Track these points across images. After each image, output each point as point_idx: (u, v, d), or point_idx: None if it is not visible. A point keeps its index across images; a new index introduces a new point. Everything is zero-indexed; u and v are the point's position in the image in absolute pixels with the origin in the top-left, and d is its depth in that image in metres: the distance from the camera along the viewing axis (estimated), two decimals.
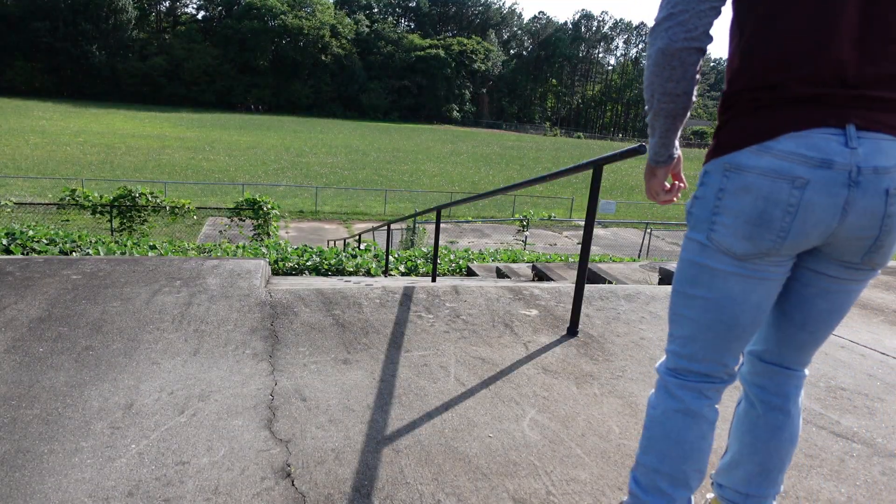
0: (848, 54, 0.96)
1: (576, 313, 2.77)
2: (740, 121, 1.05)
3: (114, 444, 1.66)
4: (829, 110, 0.98)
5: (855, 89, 0.97)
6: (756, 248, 1.05)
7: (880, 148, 0.97)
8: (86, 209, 11.58)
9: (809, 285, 1.15)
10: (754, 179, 1.01)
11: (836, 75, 0.96)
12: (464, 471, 1.64)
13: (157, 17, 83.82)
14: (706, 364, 1.17)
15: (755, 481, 1.26)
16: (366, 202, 23.42)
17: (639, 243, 17.79)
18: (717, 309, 1.11)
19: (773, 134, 1.00)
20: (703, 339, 1.14)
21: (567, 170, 2.86)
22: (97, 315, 2.63)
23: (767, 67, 1.01)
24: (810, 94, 0.98)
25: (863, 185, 0.98)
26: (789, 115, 0.99)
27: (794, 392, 1.26)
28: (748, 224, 1.03)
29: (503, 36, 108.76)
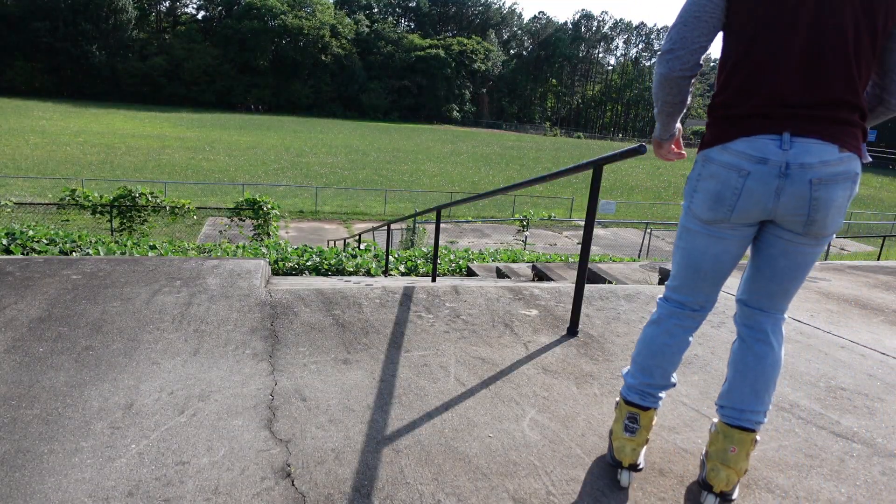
0: (791, 85, 1.36)
1: (576, 313, 2.77)
2: (715, 127, 1.48)
3: (114, 444, 1.67)
4: (770, 123, 1.38)
5: (792, 108, 1.37)
6: (715, 217, 1.48)
7: (808, 149, 1.36)
8: (86, 209, 11.58)
9: (773, 247, 1.52)
10: (717, 169, 1.45)
11: (779, 99, 1.37)
12: (464, 471, 1.64)
13: (157, 17, 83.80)
14: (682, 294, 1.62)
15: (748, 400, 1.57)
16: (366, 202, 23.43)
17: (639, 243, 17.79)
18: (689, 256, 1.58)
19: (731, 137, 1.42)
20: (682, 277, 1.62)
21: (567, 170, 2.86)
22: (97, 315, 2.63)
23: (736, 91, 1.43)
24: (760, 112, 1.39)
25: (791, 177, 1.37)
26: (744, 126, 1.41)
27: (773, 329, 1.60)
28: (710, 199, 1.47)
29: (503, 36, 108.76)
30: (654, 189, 33.48)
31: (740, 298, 1.64)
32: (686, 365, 2.48)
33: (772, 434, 1.94)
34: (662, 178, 38.98)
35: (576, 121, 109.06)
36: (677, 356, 1.63)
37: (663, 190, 33.21)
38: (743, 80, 1.41)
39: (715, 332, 2.93)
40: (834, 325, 3.15)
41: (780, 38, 1.36)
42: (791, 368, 2.50)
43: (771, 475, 1.70)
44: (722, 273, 1.56)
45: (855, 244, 21.48)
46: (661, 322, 1.64)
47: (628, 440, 1.61)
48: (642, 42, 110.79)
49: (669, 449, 1.81)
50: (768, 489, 1.64)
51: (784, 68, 1.36)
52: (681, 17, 1.47)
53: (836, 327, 3.11)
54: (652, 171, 43.12)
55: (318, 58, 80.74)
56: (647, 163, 46.87)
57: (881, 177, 56.51)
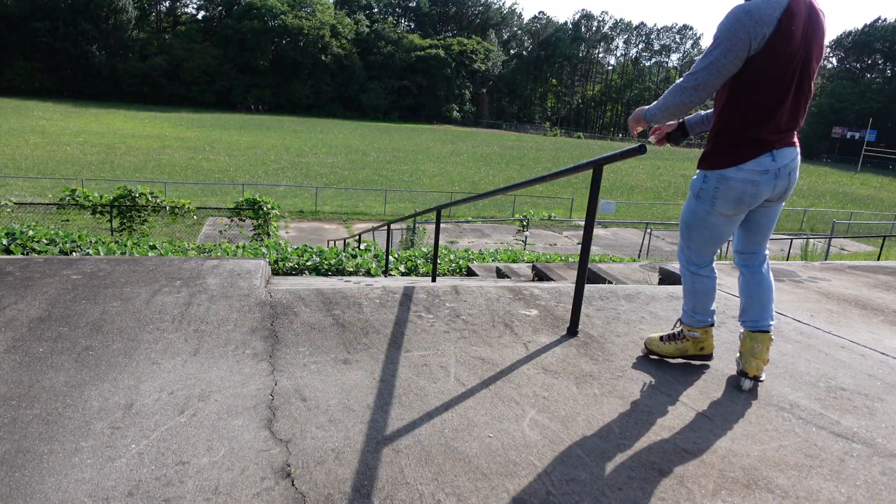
0: (783, 121, 2.02)
1: (576, 313, 2.77)
2: (726, 152, 2.08)
3: (114, 444, 1.66)
4: (767, 146, 2.04)
5: (780, 133, 2.04)
6: (736, 212, 2.15)
7: (785, 154, 2.07)
8: (86, 209, 11.57)
9: (757, 213, 2.23)
10: (735, 184, 2.08)
11: (776, 130, 2.03)
12: (464, 471, 1.64)
13: (157, 17, 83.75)
14: (704, 257, 2.32)
15: (759, 312, 2.26)
16: (366, 202, 23.42)
17: (639, 243, 17.79)
18: (712, 238, 2.25)
19: (743, 161, 2.05)
20: (704, 249, 2.30)
21: (567, 170, 2.86)
22: (97, 315, 2.63)
23: (745, 124, 2.03)
24: (764, 138, 2.03)
25: (780, 175, 2.08)
26: (750, 151, 2.04)
27: (762, 263, 2.32)
28: (733, 203, 2.11)
29: (503, 36, 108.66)
30: (654, 189, 33.47)
31: (737, 250, 2.36)
32: (686, 365, 2.48)
33: (772, 434, 1.94)
34: (662, 178, 38.97)
35: (576, 121, 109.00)
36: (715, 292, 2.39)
37: (663, 190, 33.20)
38: (756, 116, 1.99)
39: (714, 332, 2.92)
40: (834, 325, 3.15)
41: (783, 92, 1.98)
42: (791, 368, 2.50)
43: (771, 475, 1.70)
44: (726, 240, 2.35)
45: (855, 244, 21.47)
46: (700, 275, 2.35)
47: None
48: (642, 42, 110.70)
49: (669, 449, 1.81)
50: (768, 489, 1.64)
51: (782, 110, 2.00)
52: (713, 66, 1.94)
53: (836, 327, 3.11)
54: (652, 171, 43.10)
55: (318, 58, 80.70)
56: (647, 163, 46.83)
57: (881, 177, 56.48)
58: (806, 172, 54.46)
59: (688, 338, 2.41)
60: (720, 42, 1.90)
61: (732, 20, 1.88)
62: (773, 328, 2.24)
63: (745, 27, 1.86)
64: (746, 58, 1.90)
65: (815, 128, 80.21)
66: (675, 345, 2.44)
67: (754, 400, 2.19)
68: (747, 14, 1.86)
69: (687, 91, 1.99)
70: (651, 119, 2.17)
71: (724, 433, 1.93)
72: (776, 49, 1.88)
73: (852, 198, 37.59)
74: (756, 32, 1.85)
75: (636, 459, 1.75)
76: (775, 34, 1.86)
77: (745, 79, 1.94)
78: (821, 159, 76.79)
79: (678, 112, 2.08)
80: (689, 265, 2.34)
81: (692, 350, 2.42)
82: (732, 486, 1.64)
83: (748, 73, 1.92)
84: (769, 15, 1.85)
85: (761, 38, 1.86)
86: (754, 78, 1.93)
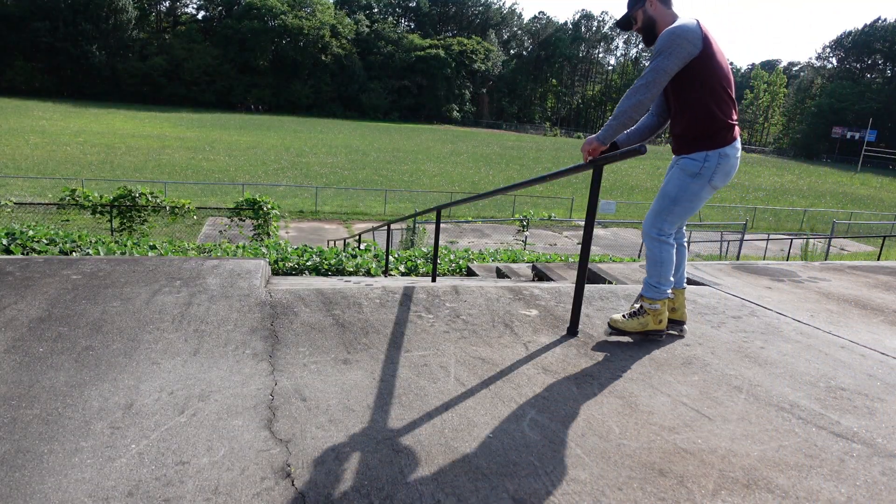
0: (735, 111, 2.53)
1: (576, 313, 2.77)
2: (721, 134, 2.50)
3: (114, 444, 1.66)
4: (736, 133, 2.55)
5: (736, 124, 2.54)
6: (722, 185, 2.58)
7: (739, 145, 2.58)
8: (86, 209, 11.56)
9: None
10: (731, 160, 2.53)
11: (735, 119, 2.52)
12: (464, 471, 1.64)
13: (157, 17, 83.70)
14: (674, 227, 2.67)
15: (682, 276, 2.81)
16: (366, 202, 23.42)
17: (639, 243, 17.78)
18: (691, 210, 2.62)
19: (733, 141, 2.53)
20: (679, 220, 2.65)
21: (567, 170, 2.86)
22: (97, 315, 2.63)
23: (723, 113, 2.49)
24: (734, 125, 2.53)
25: (739, 160, 2.57)
26: (733, 134, 2.53)
27: (682, 237, 2.82)
28: (724, 176, 2.55)
29: (503, 36, 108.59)
30: (654, 189, 33.46)
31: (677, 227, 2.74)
32: (686, 365, 2.48)
33: (772, 434, 1.94)
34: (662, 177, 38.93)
35: (576, 121, 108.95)
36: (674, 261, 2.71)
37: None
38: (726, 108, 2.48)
39: (715, 332, 2.93)
40: (834, 325, 3.15)
41: (731, 87, 2.51)
42: (791, 368, 2.50)
43: (771, 475, 1.70)
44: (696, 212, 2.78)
45: (855, 244, 21.48)
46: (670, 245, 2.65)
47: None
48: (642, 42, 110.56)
49: (669, 449, 1.81)
50: (768, 489, 1.64)
51: (733, 104, 2.51)
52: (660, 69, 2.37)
53: (836, 327, 3.11)
54: (652, 171, 43.09)
55: (318, 58, 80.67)
56: (647, 163, 46.84)
57: (881, 177, 56.47)
58: (806, 172, 54.45)
59: (648, 311, 2.67)
60: (665, 52, 2.35)
61: (674, 36, 2.36)
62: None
63: (687, 40, 2.36)
64: (692, 62, 2.37)
65: (815, 128, 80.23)
66: (637, 320, 2.69)
67: (754, 400, 2.19)
68: (686, 31, 2.37)
69: (640, 90, 2.38)
70: (606, 137, 2.54)
71: (724, 433, 1.93)
72: (713, 55, 2.41)
73: (852, 198, 37.59)
74: (694, 42, 2.36)
75: (636, 459, 1.75)
76: (706, 45, 2.38)
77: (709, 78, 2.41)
78: (821, 159, 76.79)
79: (635, 113, 2.43)
80: (660, 235, 2.63)
81: (652, 324, 2.67)
82: (732, 486, 1.64)
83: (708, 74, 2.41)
84: (698, 31, 2.39)
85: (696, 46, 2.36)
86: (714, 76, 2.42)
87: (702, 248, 18.15)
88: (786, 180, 45.79)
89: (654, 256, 2.63)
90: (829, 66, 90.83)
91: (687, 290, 3.64)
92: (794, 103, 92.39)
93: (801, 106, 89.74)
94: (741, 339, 2.83)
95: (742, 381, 2.35)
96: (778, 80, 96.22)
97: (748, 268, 4.57)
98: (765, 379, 2.37)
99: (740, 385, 2.31)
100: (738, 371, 2.45)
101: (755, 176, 47.06)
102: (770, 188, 39.27)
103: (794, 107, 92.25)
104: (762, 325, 3.06)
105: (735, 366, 2.50)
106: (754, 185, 40.57)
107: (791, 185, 42.27)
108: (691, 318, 3.10)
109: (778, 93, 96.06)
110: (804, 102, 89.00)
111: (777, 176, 48.89)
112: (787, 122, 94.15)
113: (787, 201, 33.32)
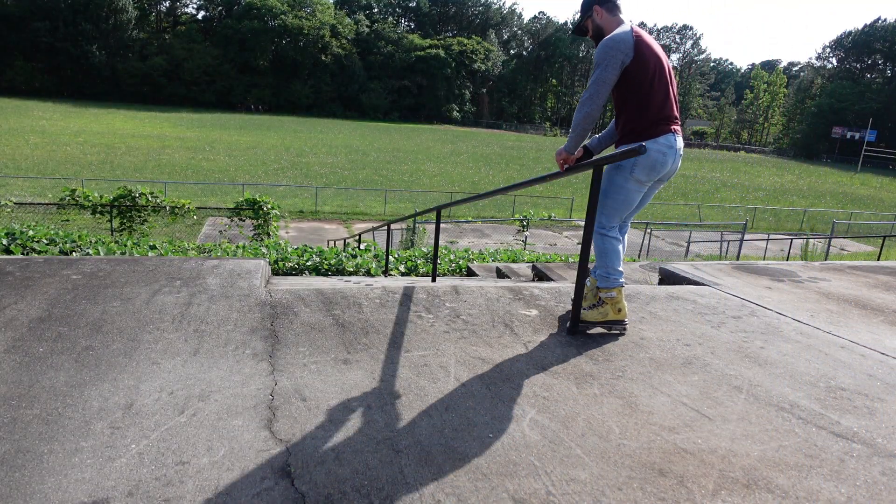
0: (673, 108, 2.69)
1: (576, 313, 2.77)
2: (645, 129, 2.65)
3: (114, 444, 1.66)
4: (670, 128, 2.66)
5: (674, 120, 2.69)
6: (648, 179, 2.70)
7: (679, 140, 2.70)
8: (86, 209, 11.56)
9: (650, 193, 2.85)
10: (652, 154, 2.62)
11: (671, 116, 2.67)
12: (464, 471, 1.64)
13: (157, 17, 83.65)
14: (613, 222, 2.81)
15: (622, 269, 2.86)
16: (366, 202, 23.42)
17: (639, 243, 17.78)
18: (624, 203, 2.75)
19: (657, 136, 2.64)
20: (614, 214, 2.79)
21: (567, 170, 2.86)
22: (97, 315, 2.63)
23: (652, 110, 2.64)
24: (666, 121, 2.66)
25: (677, 155, 2.70)
26: (661, 129, 2.65)
27: (626, 232, 2.96)
28: (647, 169, 2.66)
29: (503, 36, 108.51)
30: None
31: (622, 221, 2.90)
32: (686, 365, 2.48)
33: (772, 434, 1.94)
34: None
35: None
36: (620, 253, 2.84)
37: (663, 190, 33.19)
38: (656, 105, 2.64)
39: (715, 332, 2.93)
40: (834, 325, 3.15)
41: (665, 87, 2.65)
42: (791, 368, 2.50)
43: (771, 475, 1.70)
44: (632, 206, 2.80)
45: (855, 244, 21.47)
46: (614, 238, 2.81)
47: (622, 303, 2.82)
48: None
49: (669, 449, 1.81)
50: (768, 489, 1.64)
51: (669, 101, 2.68)
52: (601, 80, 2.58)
53: (836, 327, 3.11)
54: None
55: (318, 58, 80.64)
56: None
57: (881, 177, 56.48)
58: (806, 172, 54.45)
59: (606, 301, 2.79)
60: (602, 64, 2.57)
61: (607, 48, 2.56)
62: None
63: (619, 50, 2.55)
64: (624, 69, 2.57)
65: (815, 128, 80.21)
66: (598, 311, 2.81)
67: (754, 400, 2.19)
68: (617, 41, 2.56)
69: (586, 103, 2.63)
70: (572, 146, 2.77)
71: (724, 433, 1.93)
72: (644, 58, 2.59)
73: (852, 198, 37.60)
74: (626, 53, 2.55)
75: (636, 459, 1.75)
76: (637, 51, 2.57)
77: (640, 84, 2.61)
78: (821, 159, 76.78)
79: (587, 124, 2.64)
80: (600, 229, 2.80)
81: (612, 313, 2.80)
82: (732, 486, 1.64)
83: (639, 76, 2.59)
84: (628, 40, 2.57)
85: (628, 55, 2.56)
86: (645, 77, 2.60)
87: (702, 248, 18.15)
88: (786, 180, 45.80)
89: (598, 248, 2.82)
90: (829, 66, 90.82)
91: (687, 290, 3.67)
92: (794, 103, 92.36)
93: (801, 106, 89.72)
94: (741, 339, 2.83)
95: (742, 381, 2.35)
96: (778, 80, 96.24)
97: (748, 268, 4.57)
98: (765, 379, 2.37)
99: (740, 385, 2.31)
100: (738, 371, 2.45)
101: (755, 176, 47.07)
102: (770, 188, 39.28)
103: (794, 107, 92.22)
104: (762, 325, 3.06)
105: (735, 366, 2.50)
106: (754, 185, 40.58)
107: (791, 185, 42.28)
108: (692, 318, 3.11)
109: (778, 93, 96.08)
110: (804, 102, 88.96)
111: (777, 176, 48.90)
112: (787, 122, 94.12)
113: (787, 201, 33.32)
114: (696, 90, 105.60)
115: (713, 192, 34.50)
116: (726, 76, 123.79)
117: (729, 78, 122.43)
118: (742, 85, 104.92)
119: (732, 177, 44.97)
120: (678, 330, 2.93)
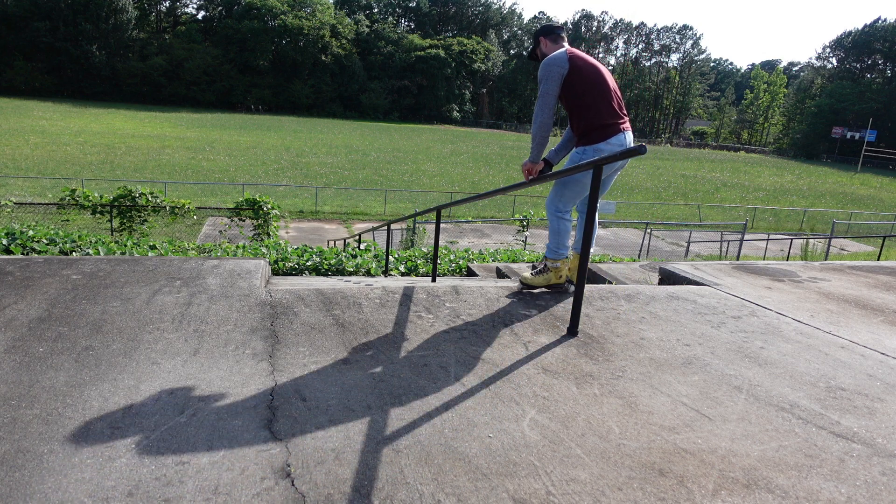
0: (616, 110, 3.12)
1: (576, 313, 2.77)
2: (599, 133, 3.08)
3: (114, 444, 1.66)
4: (619, 128, 3.10)
5: (621, 120, 3.13)
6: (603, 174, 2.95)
7: (629, 136, 3.15)
8: (86, 209, 11.55)
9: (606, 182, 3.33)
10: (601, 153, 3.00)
11: (618, 117, 3.12)
12: (464, 471, 1.64)
13: (157, 17, 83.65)
14: (568, 207, 3.26)
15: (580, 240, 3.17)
16: (366, 202, 23.42)
17: (639, 243, 17.78)
18: (578, 193, 3.21)
19: (609, 137, 3.08)
20: (570, 201, 3.26)
21: (567, 170, 2.86)
22: (97, 315, 2.63)
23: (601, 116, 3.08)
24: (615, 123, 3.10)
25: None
26: (612, 131, 3.08)
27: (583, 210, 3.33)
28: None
29: (503, 36, 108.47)
30: (654, 189, 33.46)
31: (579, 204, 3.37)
32: (686, 365, 2.48)
33: (772, 434, 1.94)
34: (662, 178, 38.96)
35: None
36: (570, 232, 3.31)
37: (663, 190, 33.20)
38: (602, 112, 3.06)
39: (715, 332, 2.93)
40: (834, 325, 3.15)
41: (607, 93, 3.08)
42: (791, 368, 2.50)
43: (771, 475, 1.70)
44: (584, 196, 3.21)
45: (855, 244, 21.47)
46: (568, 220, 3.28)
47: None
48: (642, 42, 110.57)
49: (669, 449, 1.81)
50: (768, 489, 1.64)
51: (613, 105, 3.09)
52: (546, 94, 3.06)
53: (836, 327, 3.11)
54: (652, 171, 43.11)
55: (318, 58, 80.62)
56: (647, 163, 46.84)
57: (881, 177, 56.48)
58: (806, 172, 54.46)
59: (551, 269, 3.33)
60: (544, 79, 3.03)
61: (546, 65, 3.04)
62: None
63: (555, 65, 3.03)
64: (564, 80, 3.02)
65: (815, 128, 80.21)
66: (543, 276, 3.34)
67: (754, 400, 2.19)
68: (553, 59, 3.04)
69: (538, 115, 3.09)
70: (536, 156, 3.17)
71: (724, 433, 1.93)
72: (579, 68, 3.03)
73: (852, 198, 37.60)
74: (562, 67, 3.02)
75: (636, 459, 1.75)
76: (572, 63, 3.03)
77: (583, 91, 3.05)
78: (821, 159, 76.78)
79: (544, 132, 3.08)
80: (557, 212, 3.26)
81: (554, 279, 3.34)
82: (732, 486, 1.64)
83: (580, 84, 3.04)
84: (563, 56, 3.05)
85: (564, 67, 3.02)
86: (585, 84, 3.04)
87: (702, 248, 18.15)
88: (786, 180, 45.80)
89: (553, 228, 3.28)
90: (829, 66, 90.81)
91: (687, 290, 3.67)
92: (794, 103, 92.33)
93: (801, 106, 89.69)
94: (741, 339, 2.83)
95: (742, 381, 2.35)
96: (778, 80, 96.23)
97: (748, 268, 4.57)
98: (765, 379, 2.37)
99: (740, 385, 2.31)
100: (738, 371, 2.45)
101: (755, 176, 47.07)
102: (770, 188, 39.27)
103: (794, 107, 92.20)
104: (762, 325, 3.06)
105: (735, 366, 2.50)
106: (754, 185, 40.57)
107: (791, 185, 42.28)
108: (692, 318, 3.11)
109: (778, 93, 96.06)
110: (804, 102, 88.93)
111: (777, 176, 48.89)
112: (787, 122, 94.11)
113: (787, 201, 33.32)
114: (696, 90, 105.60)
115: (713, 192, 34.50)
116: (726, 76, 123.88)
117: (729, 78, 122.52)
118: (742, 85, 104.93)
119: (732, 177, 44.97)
120: (678, 330, 2.93)
